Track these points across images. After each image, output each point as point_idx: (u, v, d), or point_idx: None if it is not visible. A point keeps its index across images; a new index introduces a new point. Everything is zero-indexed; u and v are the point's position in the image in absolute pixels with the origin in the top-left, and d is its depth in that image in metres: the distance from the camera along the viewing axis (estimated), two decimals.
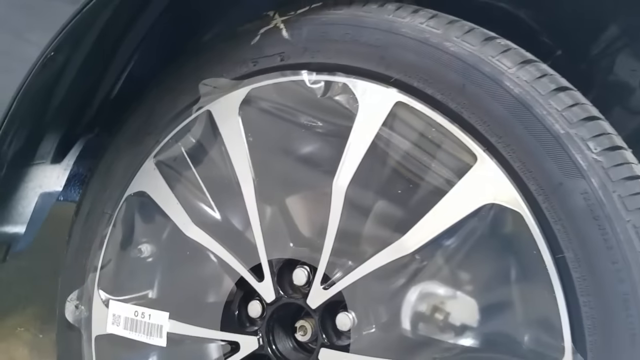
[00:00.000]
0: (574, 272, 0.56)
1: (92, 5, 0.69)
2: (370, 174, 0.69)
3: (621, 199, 0.55)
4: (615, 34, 0.94)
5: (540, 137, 0.59)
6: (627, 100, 1.00)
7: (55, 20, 0.68)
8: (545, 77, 0.61)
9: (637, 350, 0.53)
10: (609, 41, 0.95)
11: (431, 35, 0.66)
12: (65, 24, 0.67)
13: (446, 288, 0.65)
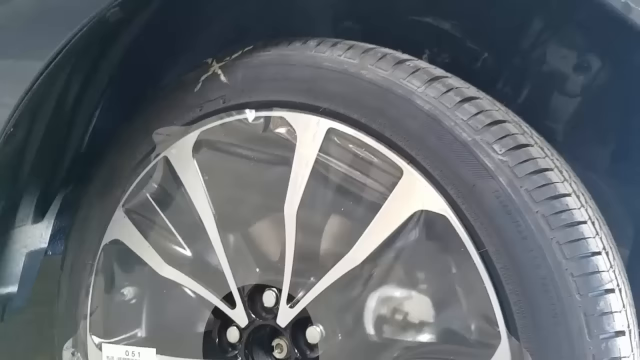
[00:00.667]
0: (497, 263, 0.62)
1: (44, 79, 0.75)
2: (315, 196, 0.75)
3: (528, 193, 0.61)
4: (538, 27, 1.01)
5: (451, 146, 0.65)
6: (564, 86, 1.07)
7: (10, 97, 0.75)
8: (451, 91, 0.67)
9: (560, 327, 0.59)
10: (535, 35, 1.02)
11: (349, 65, 0.72)
12: (19, 102, 0.73)
13: (399, 290, 0.71)
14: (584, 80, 1.03)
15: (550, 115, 1.08)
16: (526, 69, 1.06)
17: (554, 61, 1.05)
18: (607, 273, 0.61)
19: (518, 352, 0.61)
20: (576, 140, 1.06)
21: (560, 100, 1.08)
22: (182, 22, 0.97)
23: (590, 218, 0.64)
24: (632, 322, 0.64)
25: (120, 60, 0.92)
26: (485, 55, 0.99)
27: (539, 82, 1.07)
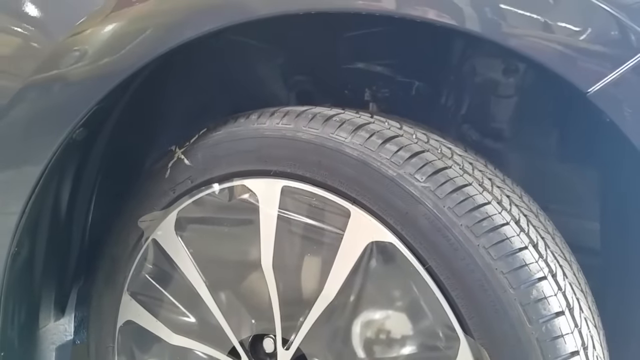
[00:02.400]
0: (440, 275, 0.72)
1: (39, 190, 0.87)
2: (284, 247, 0.85)
3: (451, 210, 0.71)
4: (460, 47, 1.12)
5: (382, 183, 0.75)
6: (497, 89, 1.17)
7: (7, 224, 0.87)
8: (373, 135, 0.78)
9: (503, 320, 0.68)
10: (459, 54, 1.13)
11: (286, 130, 0.83)
12: (16, 226, 0.85)
13: (373, 313, 0.80)
14: (515, 81, 1.13)
15: (493, 118, 1.18)
16: (461, 84, 1.17)
17: (483, 71, 1.15)
18: (536, 264, 0.69)
19: (475, 348, 0.70)
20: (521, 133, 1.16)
21: (498, 103, 1.18)
22: (148, 114, 1.09)
23: (513, 218, 0.73)
24: (572, 299, 0.72)
25: (104, 158, 1.04)
26: (417, 84, 1.10)
27: (475, 91, 1.18)
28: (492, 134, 1.18)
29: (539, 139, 1.16)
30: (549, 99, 1.10)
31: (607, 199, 1.00)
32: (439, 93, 1.16)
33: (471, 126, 1.19)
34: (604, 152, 0.90)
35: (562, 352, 0.66)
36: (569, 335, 0.68)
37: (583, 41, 0.69)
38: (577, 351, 0.68)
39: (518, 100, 1.15)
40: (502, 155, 1.12)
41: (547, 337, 0.67)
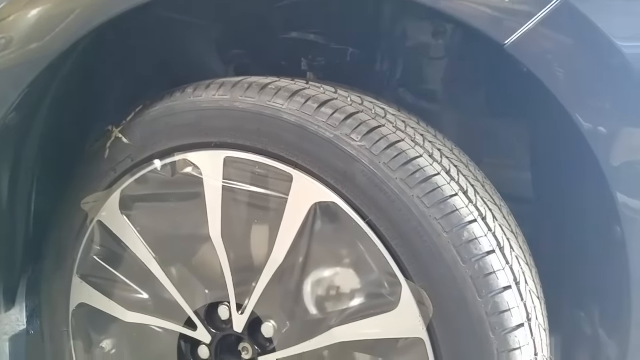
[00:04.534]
0: (380, 227, 0.76)
1: None
2: (232, 217, 0.87)
3: (386, 165, 0.75)
4: (389, 13, 1.15)
5: (321, 145, 0.78)
6: (428, 52, 1.21)
7: None
8: (309, 100, 0.80)
9: (439, 262, 0.73)
10: (389, 20, 1.16)
11: (223, 101, 0.85)
12: None
13: (322, 271, 0.84)
14: (444, 42, 1.18)
15: (425, 80, 1.22)
16: (393, 49, 1.20)
17: (413, 34, 1.19)
18: (466, 208, 0.74)
19: (416, 291, 0.75)
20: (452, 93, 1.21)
21: (431, 64, 1.22)
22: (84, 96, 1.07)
23: (444, 169, 0.78)
24: (503, 239, 0.78)
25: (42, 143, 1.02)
26: (351, 50, 1.13)
27: (407, 55, 1.21)
28: (426, 95, 1.23)
29: (469, 96, 1.21)
30: (475, 57, 1.16)
31: (535, 148, 1.06)
32: (373, 58, 1.20)
33: (406, 89, 1.24)
34: (527, 103, 0.96)
35: (495, 287, 0.72)
36: (501, 271, 0.73)
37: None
38: (509, 286, 0.74)
39: (448, 61, 1.20)
40: (437, 114, 1.17)
41: (480, 274, 0.72)
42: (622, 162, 0.76)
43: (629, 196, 0.76)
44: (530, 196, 1.12)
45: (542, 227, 1.08)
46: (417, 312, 0.74)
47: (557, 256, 1.06)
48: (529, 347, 0.74)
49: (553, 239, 1.07)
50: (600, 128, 0.75)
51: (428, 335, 0.74)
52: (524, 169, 1.12)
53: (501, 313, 0.71)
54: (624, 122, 0.76)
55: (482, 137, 1.17)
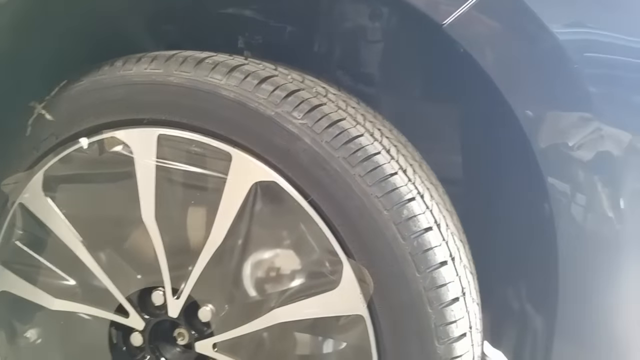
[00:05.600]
0: (322, 206, 0.75)
1: None
2: (167, 198, 0.84)
3: (328, 144, 0.74)
4: None
5: (261, 123, 0.76)
6: (366, 35, 1.21)
7: None
8: (249, 76, 0.78)
9: (379, 239, 0.73)
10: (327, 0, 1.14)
11: (156, 75, 0.80)
12: None
13: (262, 252, 0.82)
14: (381, 25, 1.18)
15: (364, 62, 1.22)
16: (332, 30, 1.19)
17: (352, 16, 1.19)
18: (405, 187, 0.75)
19: (357, 268, 0.75)
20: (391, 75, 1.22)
21: (368, 47, 1.22)
22: None
23: (384, 148, 0.78)
24: (439, 216, 0.79)
25: None
26: (290, 28, 1.10)
27: (346, 37, 1.21)
28: (365, 77, 1.23)
29: (408, 78, 1.23)
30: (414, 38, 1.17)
31: (471, 129, 1.09)
32: (312, 39, 1.18)
33: (345, 70, 1.23)
34: (464, 84, 0.98)
35: (433, 262, 0.74)
36: (438, 247, 0.75)
37: None
38: (445, 261, 0.75)
39: (386, 43, 1.20)
40: (376, 96, 1.17)
41: (418, 250, 0.73)
42: (552, 143, 0.79)
43: (558, 176, 0.80)
44: (465, 176, 1.14)
45: (475, 205, 1.12)
46: (358, 290, 0.75)
47: (488, 234, 1.10)
48: (464, 320, 0.76)
49: (485, 217, 1.11)
50: (532, 111, 0.78)
51: (368, 312, 0.75)
52: (459, 150, 1.14)
53: (438, 287, 0.73)
54: (556, 106, 0.79)
55: (420, 119, 1.19)
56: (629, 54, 0.79)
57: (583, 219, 0.81)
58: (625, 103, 0.80)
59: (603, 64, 0.78)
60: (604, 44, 0.78)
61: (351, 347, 0.78)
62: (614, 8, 0.80)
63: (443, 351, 0.73)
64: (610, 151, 0.78)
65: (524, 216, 0.93)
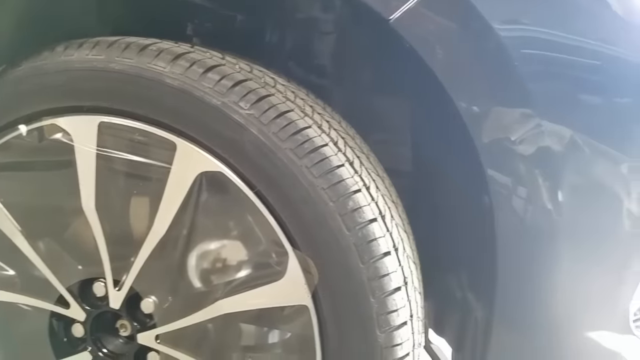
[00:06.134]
0: (268, 197, 0.75)
1: None
2: (108, 187, 0.82)
3: (275, 135, 0.74)
4: None
5: (206, 112, 0.75)
6: (318, 25, 1.21)
7: None
8: (194, 64, 0.76)
9: (325, 230, 0.74)
10: None
11: (97, 61, 0.78)
12: None
13: (207, 243, 0.81)
14: (333, 17, 1.18)
15: (315, 54, 1.22)
16: (283, 20, 1.19)
17: (303, 7, 1.18)
18: (352, 178, 0.76)
19: (302, 259, 0.75)
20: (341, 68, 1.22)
21: (323, 38, 1.22)
22: None
23: (332, 140, 0.79)
24: (384, 208, 0.81)
25: None
26: (241, 17, 1.09)
27: (297, 28, 1.20)
28: (315, 69, 1.23)
29: (356, 71, 1.24)
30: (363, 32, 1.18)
31: (416, 123, 1.11)
32: (263, 28, 1.17)
33: (295, 62, 1.23)
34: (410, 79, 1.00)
35: (376, 253, 0.75)
36: (382, 238, 0.76)
37: None
38: (389, 252, 0.77)
39: (336, 36, 1.21)
40: (325, 88, 1.17)
41: (363, 241, 0.74)
42: (493, 138, 0.81)
43: (497, 169, 0.82)
44: (410, 168, 1.16)
45: (420, 197, 1.14)
46: (303, 280, 0.75)
47: (432, 225, 1.13)
48: (405, 309, 0.78)
49: (430, 209, 1.14)
50: (474, 106, 0.80)
51: (312, 302, 0.76)
52: (406, 143, 1.16)
53: (381, 277, 0.75)
54: (496, 102, 0.81)
55: (368, 111, 1.20)
56: (568, 51, 0.83)
57: (522, 211, 0.84)
58: (564, 99, 0.83)
59: (543, 61, 0.81)
60: (543, 42, 0.80)
61: (295, 336, 0.79)
62: (554, 6, 0.83)
63: (384, 339, 0.75)
64: (549, 146, 0.81)
65: (465, 208, 0.95)
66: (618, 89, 0.85)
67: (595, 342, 0.95)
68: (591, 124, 0.83)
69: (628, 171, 0.87)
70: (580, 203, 0.85)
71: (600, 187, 0.85)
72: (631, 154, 0.86)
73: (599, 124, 0.84)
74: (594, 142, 0.84)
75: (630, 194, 0.87)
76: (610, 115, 0.85)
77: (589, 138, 0.83)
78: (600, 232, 0.87)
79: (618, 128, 0.85)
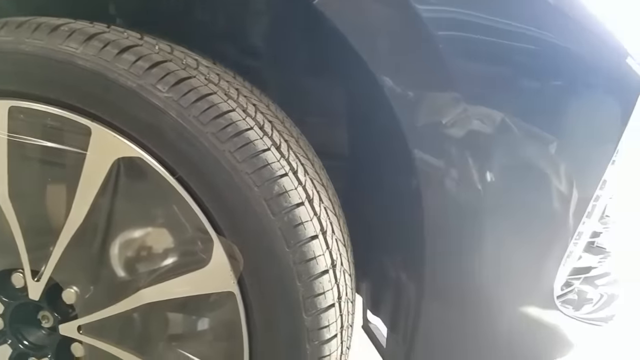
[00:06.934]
0: (190, 183, 0.73)
1: None
2: (21, 174, 0.77)
3: (196, 118, 0.72)
4: None
5: (122, 96, 0.72)
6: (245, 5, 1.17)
7: None
8: (109, 45, 0.73)
9: (250, 216, 0.72)
10: None
11: (6, 43, 0.73)
12: None
13: (129, 230, 0.79)
14: None
15: (243, 35, 1.19)
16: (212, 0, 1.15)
17: None
18: (278, 163, 0.75)
19: (227, 245, 0.74)
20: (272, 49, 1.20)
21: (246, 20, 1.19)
22: None
23: (257, 123, 0.77)
24: (312, 192, 0.80)
25: None
26: None
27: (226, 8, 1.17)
28: (244, 50, 1.20)
29: (285, 53, 1.22)
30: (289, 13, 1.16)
31: (344, 106, 1.11)
32: (190, 7, 1.13)
33: (223, 43, 1.20)
34: (337, 61, 0.99)
35: (302, 237, 0.75)
36: (309, 222, 0.76)
37: None
38: (316, 235, 0.77)
39: (265, 16, 1.18)
40: (255, 70, 1.15)
41: (289, 225, 0.74)
42: (419, 120, 0.82)
43: (424, 152, 0.83)
44: (341, 151, 1.16)
45: (353, 180, 1.15)
46: (228, 267, 0.74)
47: (366, 207, 1.14)
48: (333, 291, 0.78)
49: (362, 191, 1.14)
50: (400, 88, 0.81)
51: (238, 288, 0.75)
52: (336, 125, 1.16)
53: (307, 261, 0.74)
54: (422, 84, 0.81)
55: (298, 93, 1.19)
56: (496, 34, 0.84)
57: (448, 192, 0.85)
58: (492, 82, 0.84)
59: (469, 44, 0.81)
60: (470, 24, 0.81)
61: (222, 323, 0.78)
62: None
63: (310, 322, 0.75)
64: (476, 128, 0.83)
65: (395, 190, 0.96)
66: (546, 71, 0.87)
67: (521, 318, 0.99)
68: (519, 106, 0.85)
69: (555, 151, 0.90)
70: (507, 183, 0.87)
71: (527, 167, 0.88)
72: (558, 134, 0.89)
73: (528, 106, 0.85)
74: (522, 123, 0.86)
75: (557, 174, 0.90)
76: (539, 97, 0.87)
77: (516, 119, 0.85)
78: (527, 211, 0.90)
79: (546, 110, 0.88)
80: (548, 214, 0.91)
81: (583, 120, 0.90)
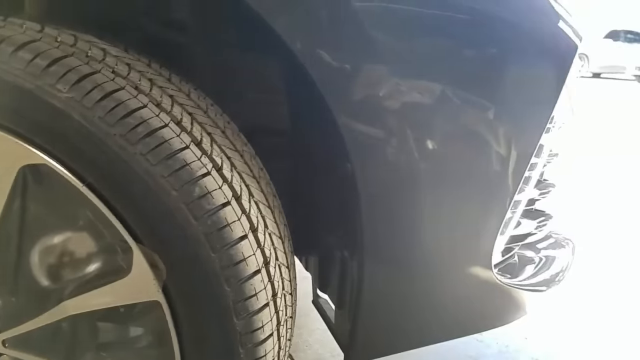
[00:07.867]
0: (101, 190, 0.68)
1: None
2: None
3: (102, 119, 0.66)
4: None
5: (19, 98, 0.65)
6: None
7: None
8: (3, 43, 0.65)
9: (170, 220, 0.68)
10: None
11: None
12: None
13: (44, 240, 0.74)
14: None
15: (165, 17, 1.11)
16: None
17: None
18: (198, 161, 0.70)
19: (148, 254, 0.70)
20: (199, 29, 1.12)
21: None
22: None
23: (173, 119, 0.71)
24: (241, 187, 0.76)
25: None
26: None
27: None
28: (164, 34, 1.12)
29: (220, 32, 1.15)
30: None
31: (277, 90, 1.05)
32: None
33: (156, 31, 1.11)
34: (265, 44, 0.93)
35: (229, 239, 0.71)
36: (236, 222, 0.72)
37: None
38: (245, 235, 0.73)
39: None
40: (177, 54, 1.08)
41: (213, 229, 0.70)
42: (347, 104, 0.79)
43: (355, 135, 0.80)
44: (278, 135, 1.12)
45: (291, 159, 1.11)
46: (151, 275, 0.70)
47: (309, 190, 1.11)
48: (266, 290, 0.75)
49: (305, 177, 1.11)
50: (326, 71, 0.76)
51: (164, 297, 0.71)
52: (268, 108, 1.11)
53: (236, 264, 0.71)
54: (349, 66, 0.78)
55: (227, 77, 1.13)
56: (431, 4, 0.80)
57: (382, 163, 0.83)
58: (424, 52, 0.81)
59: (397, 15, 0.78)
60: None
61: (151, 332, 0.75)
62: None
63: (242, 326, 0.72)
64: (409, 99, 0.81)
65: (333, 173, 0.93)
66: (480, 39, 0.85)
67: (463, 285, 1.00)
68: (456, 75, 0.83)
69: (492, 119, 0.88)
70: (443, 151, 0.86)
71: (462, 135, 0.87)
72: (493, 101, 0.88)
73: (462, 74, 0.84)
74: (458, 91, 0.84)
75: (493, 141, 0.89)
76: (473, 65, 0.85)
77: (451, 88, 0.83)
78: (465, 179, 0.89)
79: (481, 77, 0.86)
80: (485, 180, 0.91)
81: (517, 87, 0.90)
